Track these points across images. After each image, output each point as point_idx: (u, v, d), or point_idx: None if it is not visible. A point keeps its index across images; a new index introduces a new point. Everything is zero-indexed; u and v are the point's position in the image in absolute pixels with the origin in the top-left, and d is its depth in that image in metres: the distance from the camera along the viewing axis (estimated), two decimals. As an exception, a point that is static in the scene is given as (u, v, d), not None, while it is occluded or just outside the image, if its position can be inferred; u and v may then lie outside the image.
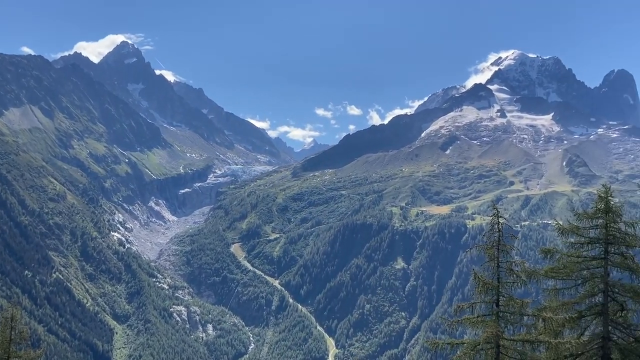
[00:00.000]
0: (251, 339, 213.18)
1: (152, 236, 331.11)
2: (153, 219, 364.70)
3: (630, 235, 21.58)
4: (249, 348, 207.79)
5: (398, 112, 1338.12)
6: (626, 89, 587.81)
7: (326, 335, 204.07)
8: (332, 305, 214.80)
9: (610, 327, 21.63)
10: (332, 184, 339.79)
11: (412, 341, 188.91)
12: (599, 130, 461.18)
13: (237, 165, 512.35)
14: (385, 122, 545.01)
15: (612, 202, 21.82)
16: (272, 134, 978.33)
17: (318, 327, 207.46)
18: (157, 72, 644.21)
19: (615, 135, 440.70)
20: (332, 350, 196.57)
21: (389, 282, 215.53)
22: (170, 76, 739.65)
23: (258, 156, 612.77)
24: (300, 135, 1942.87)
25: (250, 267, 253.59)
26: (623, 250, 21.78)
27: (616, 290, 21.76)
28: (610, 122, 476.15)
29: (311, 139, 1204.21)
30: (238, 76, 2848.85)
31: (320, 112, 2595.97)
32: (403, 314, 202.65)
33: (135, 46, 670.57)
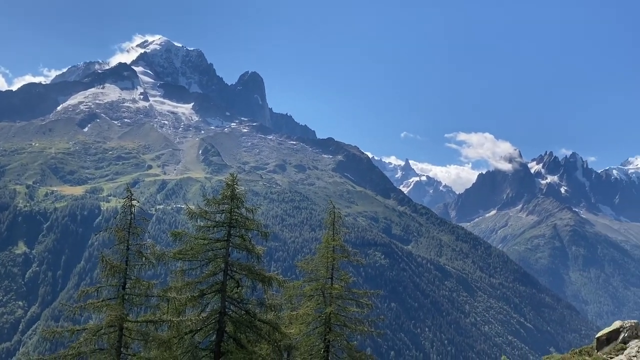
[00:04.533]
0: None
1: None
2: None
3: (249, 219, 24.19)
4: None
5: (30, 79, 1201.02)
6: (257, 90, 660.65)
7: None
8: None
9: (227, 303, 23.81)
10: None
11: (30, 332, 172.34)
12: (233, 124, 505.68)
13: None
14: (14, 88, 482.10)
15: (237, 190, 24.03)
16: None
17: None
18: None
19: (245, 130, 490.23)
20: None
21: (6, 269, 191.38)
22: None
23: None
24: None
25: None
26: (243, 232, 24.26)
27: (234, 269, 24.08)
28: (242, 118, 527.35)
29: None
30: None
31: None
32: (21, 303, 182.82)
33: None
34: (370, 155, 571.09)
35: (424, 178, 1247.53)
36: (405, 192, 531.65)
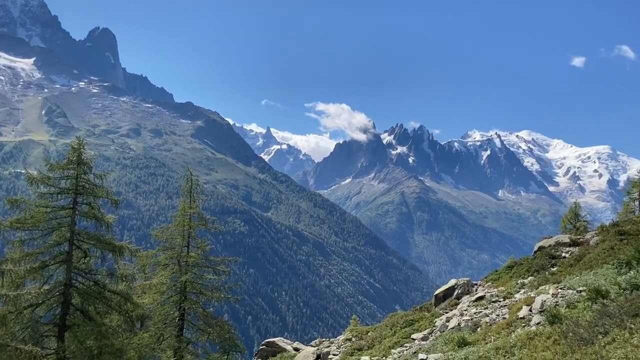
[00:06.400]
0: None
1: None
2: None
3: (98, 186, 22.82)
4: None
5: None
6: (109, 48, 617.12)
7: None
8: None
9: (73, 274, 22.44)
10: None
11: None
12: (81, 83, 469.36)
13: None
14: None
15: (84, 155, 22.48)
16: None
17: None
18: None
19: (95, 90, 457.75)
20: None
21: None
22: None
23: None
24: None
25: None
26: (91, 200, 22.84)
27: (81, 238, 22.68)
28: (92, 77, 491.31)
29: None
30: None
31: None
32: None
33: None
34: (231, 122, 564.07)
35: (284, 146, 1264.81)
36: (266, 160, 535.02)
